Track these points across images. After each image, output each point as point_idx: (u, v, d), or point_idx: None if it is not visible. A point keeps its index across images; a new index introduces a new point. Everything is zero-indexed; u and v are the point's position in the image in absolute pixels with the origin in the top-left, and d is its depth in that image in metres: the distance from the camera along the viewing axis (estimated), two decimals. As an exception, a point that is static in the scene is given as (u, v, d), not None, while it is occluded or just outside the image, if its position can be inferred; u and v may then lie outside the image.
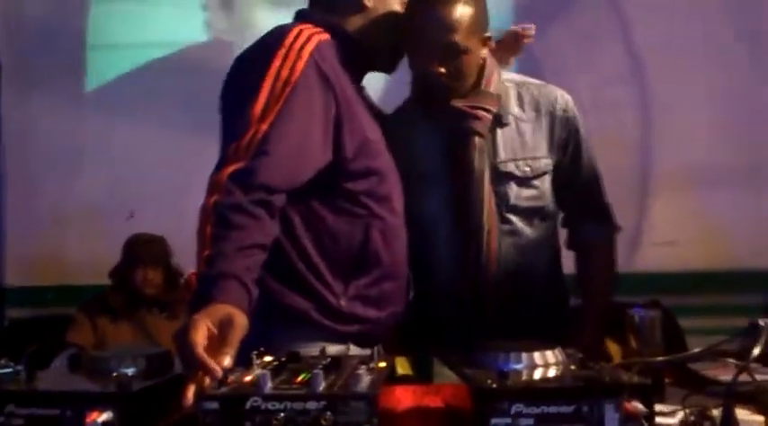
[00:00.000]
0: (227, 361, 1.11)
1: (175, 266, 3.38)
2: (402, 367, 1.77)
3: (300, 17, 1.68)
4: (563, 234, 1.99)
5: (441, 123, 1.81)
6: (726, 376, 1.40)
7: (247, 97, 1.45)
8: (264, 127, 1.42)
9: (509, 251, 1.79)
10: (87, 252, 3.77)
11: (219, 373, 1.07)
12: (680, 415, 1.13)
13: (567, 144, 1.85)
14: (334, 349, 1.47)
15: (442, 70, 1.70)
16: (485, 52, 1.78)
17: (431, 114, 1.83)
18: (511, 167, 1.80)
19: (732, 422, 0.94)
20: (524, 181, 1.81)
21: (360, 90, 1.69)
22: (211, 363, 1.08)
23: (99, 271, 3.54)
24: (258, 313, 1.32)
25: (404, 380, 1.67)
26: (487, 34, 1.77)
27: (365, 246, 1.58)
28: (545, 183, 1.83)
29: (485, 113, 1.76)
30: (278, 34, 1.54)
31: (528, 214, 1.82)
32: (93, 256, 3.70)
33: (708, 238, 3.95)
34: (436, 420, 1.27)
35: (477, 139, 1.76)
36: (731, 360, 1.09)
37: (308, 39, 1.53)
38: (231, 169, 1.37)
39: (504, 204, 1.79)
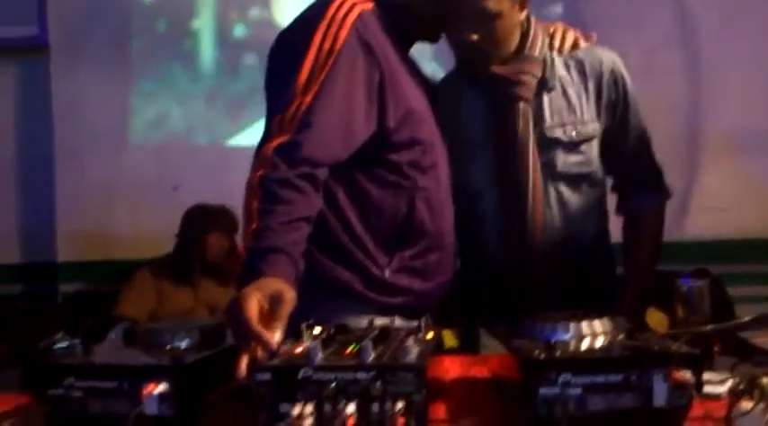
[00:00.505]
0: (278, 336, 1.12)
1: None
2: (449, 338, 1.78)
3: None
4: (611, 201, 1.95)
5: (485, 91, 1.79)
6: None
7: (291, 70, 1.45)
8: (309, 98, 1.42)
9: (556, 219, 1.78)
10: (133, 227, 3.84)
11: (274, 345, 1.08)
12: (729, 384, 1.12)
13: (616, 107, 1.81)
14: (380, 321, 1.47)
15: (475, 37, 1.67)
16: (521, 15, 1.74)
17: (475, 82, 1.81)
18: (558, 133, 1.77)
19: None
20: (571, 147, 1.78)
21: (406, 59, 1.67)
22: (266, 336, 1.09)
23: (144, 246, 3.62)
24: (305, 285, 1.33)
25: (451, 352, 1.70)
26: None
27: (410, 217, 1.57)
28: (592, 148, 1.80)
29: (529, 78, 1.74)
30: (320, 6, 1.53)
31: (575, 180, 1.79)
32: (139, 231, 3.78)
33: (759, 205, 3.87)
34: (484, 389, 1.29)
35: (521, 105, 1.74)
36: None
37: (351, 8, 1.52)
38: (276, 143, 1.38)
39: (551, 171, 1.76)
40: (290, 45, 1.54)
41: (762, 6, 3.84)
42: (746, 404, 0.95)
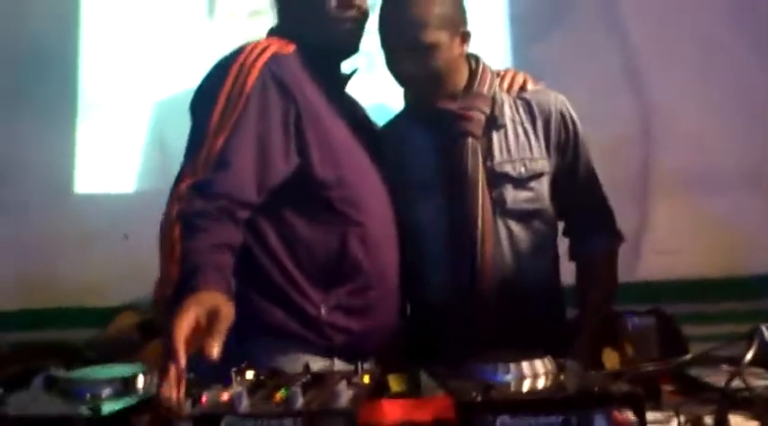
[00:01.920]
0: (215, 352, 1.09)
1: None
2: (395, 383, 1.73)
3: (269, 33, 1.71)
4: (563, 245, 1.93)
5: (433, 128, 1.78)
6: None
7: (204, 114, 1.48)
8: (220, 141, 1.43)
9: (506, 255, 1.75)
10: (84, 275, 3.74)
11: (182, 364, 1.06)
12: (674, 423, 1.09)
13: (566, 147, 1.81)
14: (318, 364, 1.44)
15: (410, 69, 1.67)
16: (462, 49, 1.74)
17: (422, 120, 1.80)
18: (507, 168, 1.75)
19: (725, 429, 0.90)
20: (521, 183, 1.76)
21: (333, 97, 1.67)
22: (180, 356, 1.07)
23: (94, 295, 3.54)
24: (240, 328, 1.28)
25: (397, 396, 1.64)
26: (463, 29, 1.73)
27: (343, 254, 1.56)
28: (542, 185, 1.79)
29: (477, 114, 1.74)
30: (234, 52, 1.57)
31: (526, 218, 1.77)
32: (89, 279, 3.68)
33: (711, 244, 3.90)
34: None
35: (470, 141, 1.73)
36: (725, 366, 1.05)
37: (263, 51, 1.55)
38: (190, 182, 1.39)
39: (501, 208, 1.74)
40: (204, 91, 1.56)
41: (707, 45, 3.92)
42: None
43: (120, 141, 3.90)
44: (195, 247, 1.29)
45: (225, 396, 1.05)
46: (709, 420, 0.93)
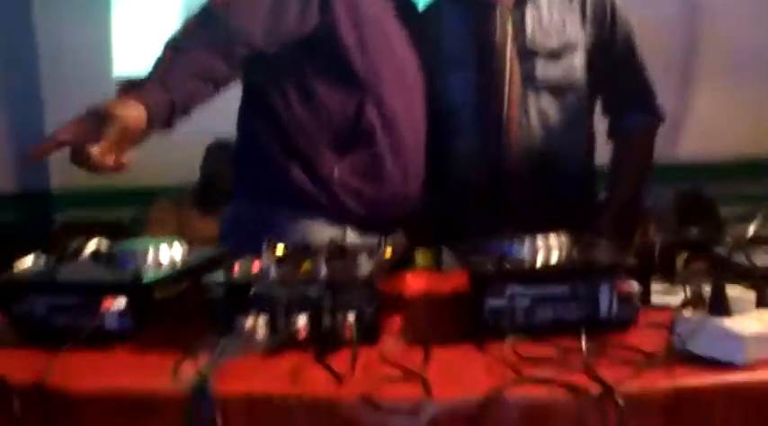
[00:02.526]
0: (94, 152, 1.17)
1: None
2: (421, 258, 1.81)
3: None
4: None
5: (467, 3, 1.78)
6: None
7: None
8: None
9: (535, 128, 1.75)
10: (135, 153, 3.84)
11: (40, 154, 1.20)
12: (681, 294, 1.14)
13: (603, 21, 1.80)
14: (330, 231, 1.51)
15: None
16: None
17: None
18: (539, 43, 1.75)
19: (722, 300, 0.95)
20: (552, 57, 1.76)
21: None
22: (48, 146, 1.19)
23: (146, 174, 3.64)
24: (262, 191, 1.40)
25: (423, 270, 1.72)
26: None
27: (358, 121, 1.58)
28: (575, 60, 1.78)
29: None
30: None
31: (557, 91, 1.77)
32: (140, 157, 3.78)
33: (752, 125, 3.85)
34: (443, 303, 1.32)
35: (498, 11, 1.73)
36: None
37: None
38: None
39: (531, 81, 1.75)
40: None
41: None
42: (687, 313, 0.97)
43: (155, 23, 3.92)
44: (172, 65, 1.35)
45: (256, 267, 1.12)
46: (707, 289, 0.97)
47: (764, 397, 0.87)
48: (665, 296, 1.20)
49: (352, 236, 1.59)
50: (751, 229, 1.00)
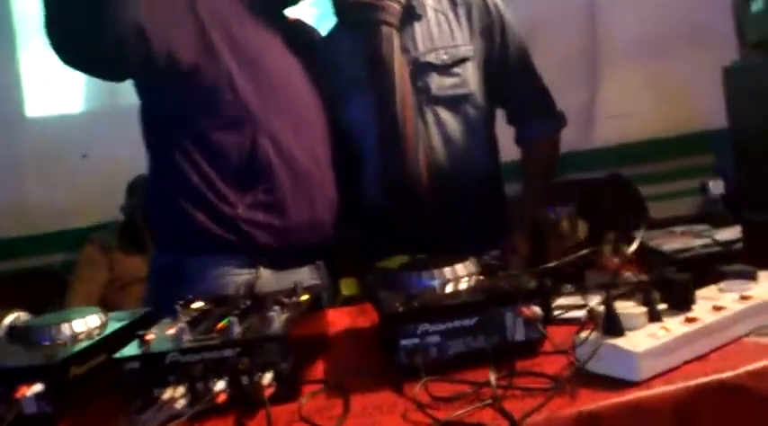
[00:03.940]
0: None
1: None
2: (347, 287, 1.82)
3: None
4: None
5: (356, 26, 1.82)
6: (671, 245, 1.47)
7: None
8: None
9: (435, 141, 1.80)
10: (47, 198, 3.78)
11: None
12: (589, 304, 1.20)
13: (492, 31, 1.85)
14: (243, 277, 1.54)
15: None
16: None
17: (350, 21, 1.85)
18: (430, 57, 1.80)
19: (613, 319, 1.00)
20: (445, 70, 1.81)
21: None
22: None
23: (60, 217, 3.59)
24: (174, 243, 1.42)
25: (350, 300, 1.74)
26: None
27: (254, 156, 1.61)
28: (467, 70, 1.83)
29: (391, 3, 1.78)
30: None
31: (452, 103, 1.82)
32: (53, 202, 3.72)
33: (660, 105, 3.98)
34: (364, 339, 1.34)
35: (384, 29, 1.77)
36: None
37: None
38: None
39: (426, 95, 1.79)
40: None
41: None
42: (584, 334, 1.01)
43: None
44: None
45: (171, 331, 1.12)
46: (600, 309, 1.02)
47: (662, 410, 0.92)
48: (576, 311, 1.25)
49: (267, 277, 1.61)
50: (633, 247, 1.05)
